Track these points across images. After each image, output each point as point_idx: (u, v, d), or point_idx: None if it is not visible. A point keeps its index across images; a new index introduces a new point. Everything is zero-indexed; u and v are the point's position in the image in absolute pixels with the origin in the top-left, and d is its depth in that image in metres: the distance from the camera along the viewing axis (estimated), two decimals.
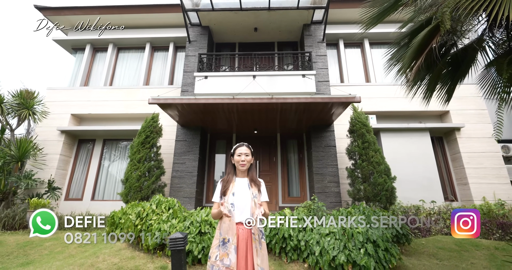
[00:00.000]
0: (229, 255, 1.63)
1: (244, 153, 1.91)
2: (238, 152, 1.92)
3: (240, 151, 1.92)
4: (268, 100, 5.20)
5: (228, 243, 1.66)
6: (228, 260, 1.61)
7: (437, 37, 2.74)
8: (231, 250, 1.64)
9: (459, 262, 3.84)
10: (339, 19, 8.06)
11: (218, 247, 1.68)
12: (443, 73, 3.68)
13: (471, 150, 6.86)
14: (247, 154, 1.91)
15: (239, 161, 1.89)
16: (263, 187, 1.91)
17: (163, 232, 3.38)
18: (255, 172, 1.97)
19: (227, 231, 1.69)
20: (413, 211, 5.90)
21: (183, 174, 6.40)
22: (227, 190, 1.82)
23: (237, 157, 1.90)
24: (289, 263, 3.36)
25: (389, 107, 7.29)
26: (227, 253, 1.64)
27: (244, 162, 1.88)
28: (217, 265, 1.62)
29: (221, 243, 1.68)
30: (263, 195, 1.87)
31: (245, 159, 1.89)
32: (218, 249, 1.67)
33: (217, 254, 1.66)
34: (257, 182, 1.90)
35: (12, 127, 6.57)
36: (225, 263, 1.61)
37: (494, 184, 6.54)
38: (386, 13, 3.12)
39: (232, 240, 1.66)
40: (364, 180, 5.46)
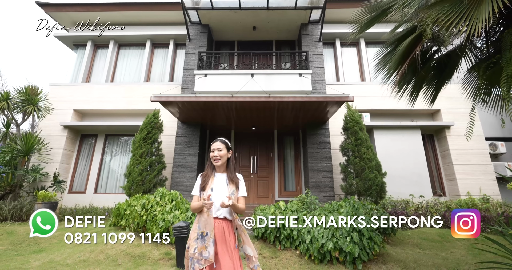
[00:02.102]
0: (207, 247, 1.70)
1: (217, 148, 1.92)
2: (211, 148, 1.95)
3: (213, 146, 1.94)
4: (265, 99, 5.44)
5: (207, 237, 1.73)
6: (207, 252, 1.69)
7: (420, 45, 2.99)
8: (209, 243, 1.71)
9: (440, 251, 4.16)
10: (336, 18, 8.25)
11: (196, 240, 1.74)
12: (429, 76, 3.94)
13: (459, 147, 7.16)
14: (220, 149, 1.92)
15: (212, 157, 1.93)
16: (241, 183, 1.95)
17: (167, 222, 3.67)
18: (233, 167, 1.98)
19: (205, 226, 1.75)
20: (402, 205, 6.22)
21: (183, 168, 6.66)
22: (206, 185, 1.87)
23: (211, 153, 1.94)
24: (282, 250, 3.67)
25: (382, 105, 7.54)
26: (206, 246, 1.71)
27: (217, 157, 1.91)
28: (196, 257, 1.70)
29: (199, 236, 1.74)
30: (241, 191, 1.91)
31: (218, 154, 1.90)
32: (197, 242, 1.73)
33: (196, 247, 1.72)
34: (235, 179, 1.92)
35: (17, 123, 6.78)
36: (204, 256, 1.68)
37: (481, 180, 6.87)
38: (376, 20, 3.35)
39: (210, 234, 1.73)
40: (356, 176, 5.75)
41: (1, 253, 4.01)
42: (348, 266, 3.22)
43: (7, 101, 6.40)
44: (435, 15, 2.52)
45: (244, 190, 1.95)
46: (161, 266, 3.29)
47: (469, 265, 3.45)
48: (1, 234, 4.83)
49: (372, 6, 3.27)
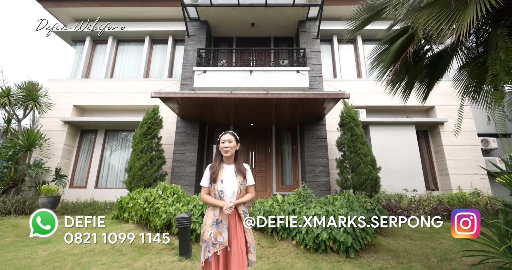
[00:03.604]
0: (222, 233, 1.91)
1: (227, 140, 2.05)
2: (222, 140, 2.07)
3: (223, 138, 2.06)
4: (263, 95, 5.57)
5: (221, 224, 1.94)
6: (221, 237, 1.90)
7: (412, 44, 3.13)
8: (223, 229, 1.93)
9: (430, 241, 4.36)
10: (334, 15, 8.33)
11: (212, 226, 1.94)
12: (422, 74, 4.08)
13: (452, 143, 7.36)
14: (230, 141, 2.05)
15: (223, 148, 2.04)
16: (248, 173, 2.10)
17: (169, 214, 3.82)
18: (241, 158, 2.13)
19: (219, 214, 1.97)
20: (396, 199, 6.43)
21: (183, 163, 6.80)
22: (217, 177, 2.01)
23: (221, 144, 2.05)
24: (279, 240, 3.86)
25: (378, 102, 7.69)
26: (220, 232, 1.92)
27: (227, 149, 2.03)
28: (212, 241, 1.90)
29: (214, 223, 1.95)
30: (248, 180, 2.07)
31: (228, 145, 2.03)
32: (212, 228, 1.92)
33: (211, 232, 1.92)
34: (243, 169, 2.07)
35: (18, 118, 6.86)
36: (219, 240, 1.90)
37: (472, 175, 7.08)
38: (370, 20, 3.47)
39: (224, 221, 1.95)
40: (351, 170, 5.93)
41: (8, 244, 4.15)
42: (342, 254, 3.41)
43: (9, 97, 6.47)
44: (426, 17, 2.65)
45: (252, 178, 2.11)
46: (165, 255, 3.45)
47: (456, 254, 3.65)
48: (7, 226, 4.97)
49: (367, 7, 3.39)
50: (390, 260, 3.46)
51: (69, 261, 3.37)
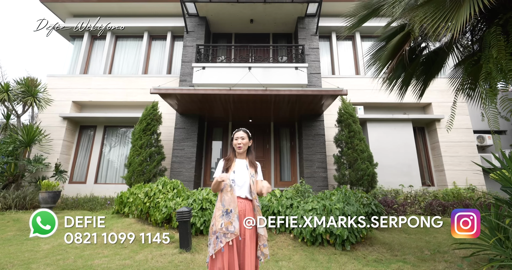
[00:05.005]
0: (232, 223, 1.95)
1: (240, 136, 2.18)
2: (235, 137, 2.20)
3: (237, 135, 2.20)
4: (262, 92, 5.62)
5: (231, 213, 1.97)
6: (232, 227, 1.94)
7: (409, 42, 3.18)
8: (234, 219, 1.96)
9: (424, 235, 4.47)
10: (333, 12, 8.33)
11: (222, 217, 1.98)
12: (418, 71, 4.14)
13: (449, 139, 7.46)
14: (243, 138, 2.18)
15: (236, 144, 2.17)
16: (259, 168, 2.23)
17: (170, 208, 3.90)
18: (253, 154, 2.26)
19: (229, 203, 2.00)
20: (392, 194, 6.53)
21: (182, 159, 6.86)
22: (229, 168, 2.11)
23: (235, 141, 2.19)
24: (277, 234, 3.95)
25: (376, 98, 7.74)
26: (231, 221, 1.95)
27: (240, 145, 2.15)
28: (223, 231, 1.93)
29: (224, 213, 1.98)
30: (259, 175, 2.22)
31: (241, 142, 2.16)
32: (222, 218, 1.97)
33: (222, 222, 1.96)
34: (255, 164, 2.20)
35: (18, 114, 6.88)
36: (230, 230, 1.93)
37: (467, 171, 7.20)
38: (368, 17, 3.51)
39: (234, 210, 1.98)
40: (349, 166, 6.02)
41: (11, 238, 4.22)
42: (338, 247, 3.50)
43: (8, 93, 6.47)
44: (422, 15, 2.70)
45: (261, 174, 2.23)
46: (165, 247, 3.53)
47: (449, 246, 3.76)
48: (8, 221, 5.03)
49: (365, 4, 3.43)
50: (385, 253, 3.56)
51: (72, 254, 3.45)
